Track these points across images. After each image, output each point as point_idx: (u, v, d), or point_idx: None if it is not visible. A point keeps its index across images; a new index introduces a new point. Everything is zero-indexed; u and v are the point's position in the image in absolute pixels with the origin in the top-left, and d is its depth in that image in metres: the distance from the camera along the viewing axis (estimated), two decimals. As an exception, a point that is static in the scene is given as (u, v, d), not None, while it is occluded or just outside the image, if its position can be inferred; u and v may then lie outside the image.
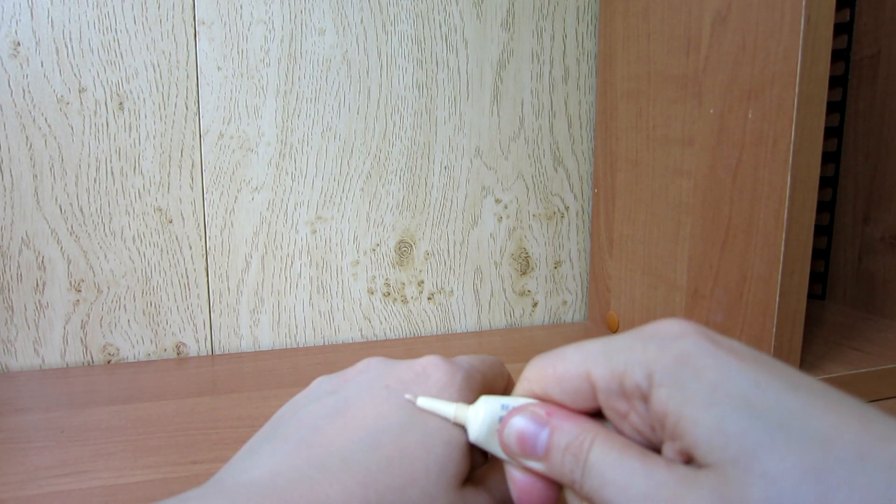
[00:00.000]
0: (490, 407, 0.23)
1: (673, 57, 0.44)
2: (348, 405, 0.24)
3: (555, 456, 0.21)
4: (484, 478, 0.25)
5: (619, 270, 0.53)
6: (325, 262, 0.53)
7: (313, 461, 0.22)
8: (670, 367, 0.20)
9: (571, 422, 0.22)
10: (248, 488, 0.21)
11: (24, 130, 0.45)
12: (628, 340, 0.21)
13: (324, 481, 0.21)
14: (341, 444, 0.22)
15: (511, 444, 0.22)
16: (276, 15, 0.49)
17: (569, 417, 0.22)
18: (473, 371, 0.26)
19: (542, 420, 0.22)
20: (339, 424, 0.23)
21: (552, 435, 0.22)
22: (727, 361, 0.19)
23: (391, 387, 0.25)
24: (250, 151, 0.50)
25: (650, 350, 0.20)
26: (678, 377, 0.19)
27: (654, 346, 0.20)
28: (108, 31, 0.46)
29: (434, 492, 0.22)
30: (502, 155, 0.56)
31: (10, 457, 0.33)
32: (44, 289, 0.47)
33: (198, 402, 0.40)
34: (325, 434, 0.23)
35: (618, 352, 0.21)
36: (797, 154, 0.35)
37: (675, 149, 0.45)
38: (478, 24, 0.53)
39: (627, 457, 0.20)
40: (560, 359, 0.22)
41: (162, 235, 0.49)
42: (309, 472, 0.21)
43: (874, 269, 0.55)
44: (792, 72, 0.34)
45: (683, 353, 0.20)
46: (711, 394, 0.19)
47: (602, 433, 0.21)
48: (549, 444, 0.22)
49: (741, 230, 0.39)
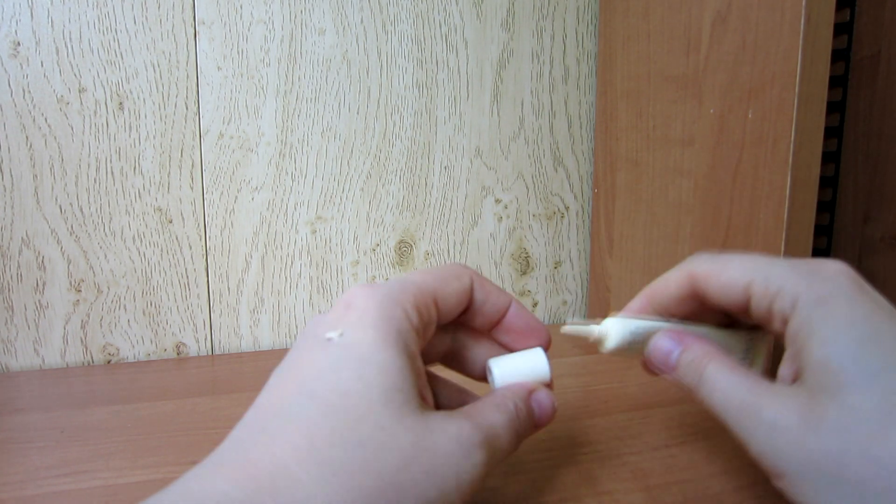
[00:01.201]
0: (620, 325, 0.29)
1: (673, 57, 0.44)
2: (290, 363, 0.24)
3: (681, 367, 0.28)
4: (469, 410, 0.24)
5: (619, 270, 0.53)
6: (325, 262, 0.53)
7: (255, 428, 0.22)
8: (811, 303, 0.24)
9: (698, 344, 0.28)
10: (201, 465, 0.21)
11: (24, 130, 0.45)
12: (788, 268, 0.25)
13: (266, 440, 0.21)
14: (280, 405, 0.22)
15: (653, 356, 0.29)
16: (276, 15, 0.49)
17: (697, 341, 0.28)
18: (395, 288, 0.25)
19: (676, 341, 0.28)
20: (281, 386, 0.23)
21: (682, 353, 0.28)
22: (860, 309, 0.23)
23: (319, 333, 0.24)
24: (250, 151, 0.50)
25: (802, 283, 0.24)
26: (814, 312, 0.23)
27: (806, 280, 0.24)
28: (108, 31, 0.46)
29: (386, 423, 0.21)
30: (502, 155, 0.55)
31: (10, 457, 0.33)
32: (44, 289, 0.47)
33: (198, 402, 0.40)
34: (267, 404, 0.23)
35: (776, 276, 0.25)
36: (797, 154, 0.35)
37: (675, 149, 0.45)
38: (478, 24, 0.53)
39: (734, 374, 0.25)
40: (728, 266, 0.27)
41: (162, 235, 0.49)
42: (252, 438, 0.21)
43: (874, 269, 0.55)
44: (792, 72, 0.34)
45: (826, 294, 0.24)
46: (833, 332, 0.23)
47: (718, 356, 0.27)
48: (678, 358, 0.28)
49: (741, 230, 0.39)
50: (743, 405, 0.24)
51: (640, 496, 0.29)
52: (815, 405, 0.22)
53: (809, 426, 0.22)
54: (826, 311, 0.23)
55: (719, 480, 0.30)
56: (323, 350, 0.23)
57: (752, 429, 0.24)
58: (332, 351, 0.22)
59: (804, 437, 0.22)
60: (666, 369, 0.29)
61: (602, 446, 0.34)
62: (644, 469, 0.31)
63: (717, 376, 0.26)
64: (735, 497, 0.29)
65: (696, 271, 0.28)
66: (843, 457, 0.21)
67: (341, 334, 0.23)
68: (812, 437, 0.22)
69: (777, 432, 0.23)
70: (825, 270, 0.25)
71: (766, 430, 0.23)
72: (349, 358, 0.22)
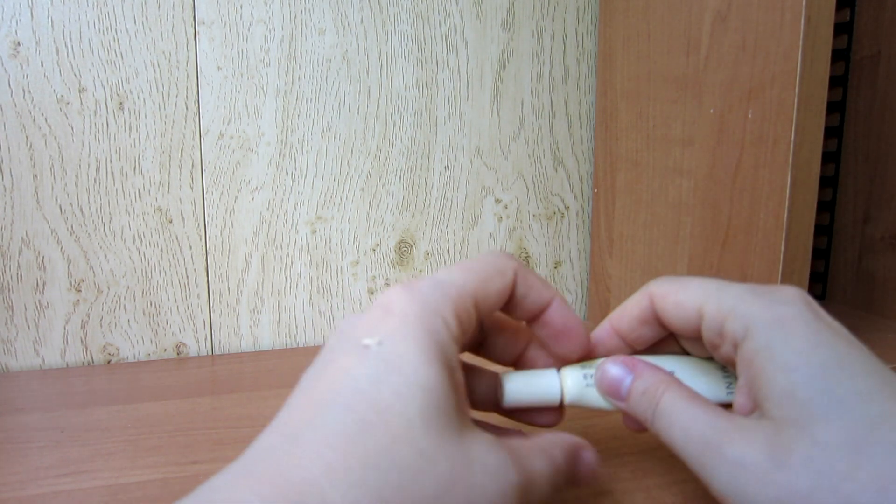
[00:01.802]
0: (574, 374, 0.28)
1: (673, 57, 0.44)
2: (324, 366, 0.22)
3: (633, 397, 0.26)
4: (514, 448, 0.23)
5: (619, 270, 0.53)
6: (325, 262, 0.53)
7: (286, 437, 0.20)
8: (768, 324, 0.22)
9: (650, 372, 0.26)
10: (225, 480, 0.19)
11: (24, 130, 0.45)
12: (742, 290, 0.24)
13: (298, 453, 0.19)
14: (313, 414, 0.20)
15: (602, 386, 0.27)
16: (276, 15, 0.49)
17: (648, 368, 0.26)
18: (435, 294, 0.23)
19: (628, 368, 0.26)
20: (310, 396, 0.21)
21: (634, 381, 0.26)
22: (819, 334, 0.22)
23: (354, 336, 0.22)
24: (250, 151, 0.50)
25: (756, 304, 0.23)
26: (771, 337, 0.22)
27: (760, 303, 0.23)
28: (108, 31, 0.46)
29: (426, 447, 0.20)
30: (502, 155, 0.56)
31: (10, 457, 0.33)
32: (44, 289, 0.47)
33: (198, 402, 0.40)
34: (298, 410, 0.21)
35: (730, 296, 0.24)
36: (797, 154, 0.35)
37: (675, 149, 0.45)
38: (478, 24, 0.53)
39: (692, 405, 0.24)
40: (683, 288, 0.26)
41: (162, 235, 0.49)
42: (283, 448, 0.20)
43: (874, 269, 0.55)
44: (792, 72, 0.34)
45: (783, 317, 0.22)
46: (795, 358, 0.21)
47: (674, 384, 0.25)
48: (630, 388, 0.26)
49: (741, 230, 0.39)
50: (704, 441, 0.22)
51: (640, 496, 0.29)
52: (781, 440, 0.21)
53: (777, 463, 0.20)
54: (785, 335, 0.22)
55: (719, 480, 0.30)
56: (360, 358, 0.21)
57: (714, 467, 0.22)
58: (370, 362, 0.21)
59: (772, 476, 0.20)
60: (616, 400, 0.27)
61: (602, 446, 0.34)
62: (644, 469, 0.31)
63: (674, 408, 0.24)
64: (735, 497, 0.29)
65: (655, 291, 0.27)
66: (814, 495, 0.20)
67: (380, 343, 0.21)
68: (780, 476, 0.20)
69: (742, 471, 0.21)
70: (781, 293, 0.24)
71: (730, 469, 0.21)
72: (389, 372, 0.21)
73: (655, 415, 0.25)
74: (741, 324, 0.23)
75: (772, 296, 0.23)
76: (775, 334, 0.22)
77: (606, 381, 0.27)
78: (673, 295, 0.26)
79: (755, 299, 0.23)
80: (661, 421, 0.24)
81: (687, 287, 0.26)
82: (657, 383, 0.25)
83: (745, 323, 0.23)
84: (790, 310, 0.23)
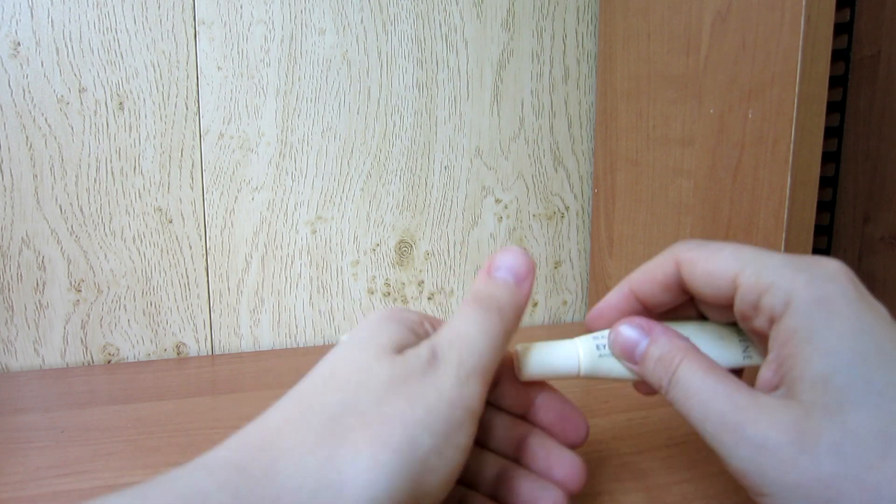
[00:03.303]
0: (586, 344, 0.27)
1: (673, 57, 0.44)
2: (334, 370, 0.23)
3: (648, 363, 0.24)
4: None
5: (619, 270, 0.53)
6: (325, 262, 0.53)
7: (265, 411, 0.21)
8: (809, 304, 0.21)
9: (667, 337, 0.25)
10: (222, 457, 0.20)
11: (24, 130, 0.45)
12: (782, 262, 0.22)
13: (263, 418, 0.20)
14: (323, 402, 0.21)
15: (615, 348, 0.26)
16: (276, 15, 0.49)
17: (666, 333, 0.25)
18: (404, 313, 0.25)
19: (643, 331, 0.25)
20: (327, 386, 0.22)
21: (649, 346, 0.25)
22: (862, 317, 0.21)
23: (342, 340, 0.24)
24: (250, 151, 0.50)
25: (799, 279, 0.21)
26: (812, 316, 0.21)
27: (804, 277, 0.22)
28: (108, 31, 0.46)
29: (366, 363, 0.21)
30: (502, 155, 0.55)
31: (10, 457, 0.33)
32: (44, 289, 0.47)
33: (198, 402, 0.40)
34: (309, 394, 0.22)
35: (769, 268, 0.22)
36: (797, 154, 0.35)
37: (675, 149, 0.45)
38: (478, 24, 0.53)
39: (712, 377, 0.22)
40: (717, 253, 0.24)
41: (162, 235, 0.49)
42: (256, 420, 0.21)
43: (874, 269, 0.55)
44: (792, 72, 0.34)
45: (826, 295, 0.21)
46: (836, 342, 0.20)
47: (692, 353, 0.24)
48: (645, 352, 0.25)
49: (741, 230, 0.39)
50: (723, 418, 0.22)
51: (640, 496, 0.29)
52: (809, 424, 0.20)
53: (802, 447, 0.20)
54: (828, 316, 0.21)
55: (719, 480, 0.30)
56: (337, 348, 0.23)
57: (733, 446, 0.21)
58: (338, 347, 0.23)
59: (795, 459, 0.20)
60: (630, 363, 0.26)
61: (602, 446, 0.34)
62: (644, 469, 0.31)
63: (692, 379, 0.23)
64: (735, 497, 0.29)
65: (682, 257, 0.25)
66: (837, 482, 0.19)
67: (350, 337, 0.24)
68: (804, 460, 0.20)
69: (763, 452, 0.20)
70: (824, 268, 0.22)
71: (750, 449, 0.21)
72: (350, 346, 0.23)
73: (671, 384, 0.23)
74: (781, 299, 0.22)
75: (815, 270, 0.22)
76: (817, 314, 0.21)
77: (620, 343, 0.25)
78: (703, 262, 0.24)
79: (797, 274, 0.22)
80: (676, 391, 0.23)
81: (719, 254, 0.24)
82: (674, 350, 0.24)
83: (785, 299, 0.22)
84: (834, 287, 0.21)
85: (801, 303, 0.21)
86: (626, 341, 0.25)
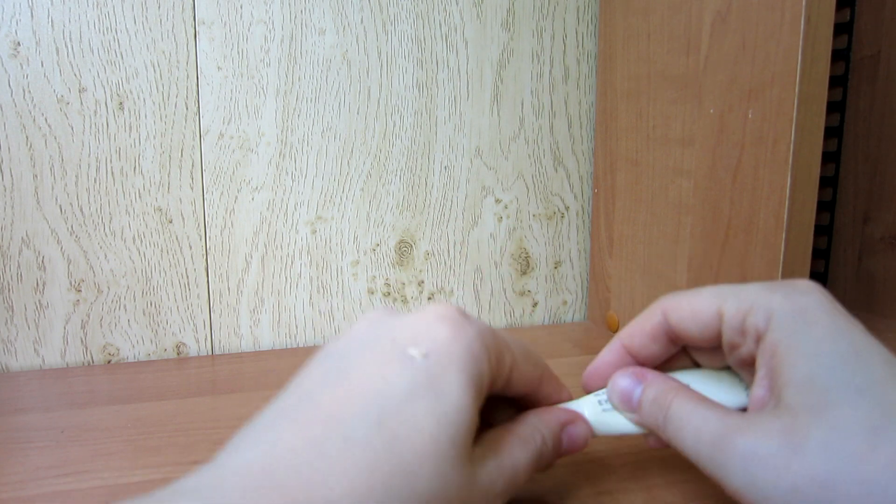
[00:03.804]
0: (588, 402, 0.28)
1: (673, 57, 0.44)
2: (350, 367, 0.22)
3: (644, 406, 0.26)
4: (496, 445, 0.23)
5: (619, 270, 0.53)
6: (325, 261, 0.53)
7: (311, 442, 0.19)
8: (789, 315, 0.23)
9: (660, 380, 0.26)
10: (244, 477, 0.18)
11: (24, 130, 0.45)
12: (759, 287, 0.24)
13: (323, 467, 0.18)
14: (341, 419, 0.20)
15: (614, 398, 0.27)
16: (276, 15, 0.49)
17: (659, 376, 0.26)
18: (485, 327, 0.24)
19: (637, 378, 0.27)
20: (338, 394, 0.21)
21: (644, 389, 0.26)
22: (839, 323, 0.22)
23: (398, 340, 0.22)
24: (250, 151, 0.50)
25: (776, 297, 0.23)
26: (793, 325, 0.22)
27: (780, 294, 0.23)
28: (108, 31, 0.46)
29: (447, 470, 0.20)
30: (502, 155, 0.56)
31: (10, 457, 0.33)
32: (44, 289, 0.47)
33: (198, 402, 0.40)
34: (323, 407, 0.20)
35: (748, 293, 0.24)
36: (797, 154, 0.35)
37: (675, 149, 0.45)
38: (478, 24, 0.53)
39: (703, 406, 0.24)
40: (696, 295, 0.26)
41: (162, 235, 0.49)
42: (307, 457, 0.19)
43: (874, 269, 0.55)
44: (792, 72, 0.34)
45: (804, 306, 0.23)
46: (816, 346, 0.22)
47: (684, 390, 0.25)
48: (641, 397, 0.26)
49: (741, 230, 0.39)
50: (715, 437, 0.22)
51: (640, 496, 0.29)
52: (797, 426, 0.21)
53: (792, 449, 0.20)
54: (806, 324, 0.22)
55: (719, 480, 0.30)
56: (401, 367, 0.21)
57: (727, 462, 0.22)
58: (410, 374, 0.21)
59: (787, 462, 0.20)
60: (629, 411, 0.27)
61: (602, 447, 0.34)
62: (644, 469, 0.31)
63: (685, 409, 0.24)
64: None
65: (667, 305, 0.27)
66: (831, 479, 0.19)
67: (425, 356, 0.21)
68: (796, 461, 0.20)
69: (756, 461, 0.21)
70: (797, 285, 0.24)
71: (743, 461, 0.21)
72: (428, 389, 0.21)
73: (666, 420, 0.24)
74: (762, 316, 0.23)
75: (789, 287, 0.24)
76: (797, 323, 0.22)
77: (618, 392, 0.27)
78: (687, 303, 0.26)
79: (773, 293, 0.23)
80: (671, 425, 0.24)
81: (701, 294, 0.26)
82: (667, 390, 0.25)
83: (766, 315, 0.23)
84: (809, 299, 0.23)
85: (781, 315, 0.23)
86: (623, 390, 0.27)
